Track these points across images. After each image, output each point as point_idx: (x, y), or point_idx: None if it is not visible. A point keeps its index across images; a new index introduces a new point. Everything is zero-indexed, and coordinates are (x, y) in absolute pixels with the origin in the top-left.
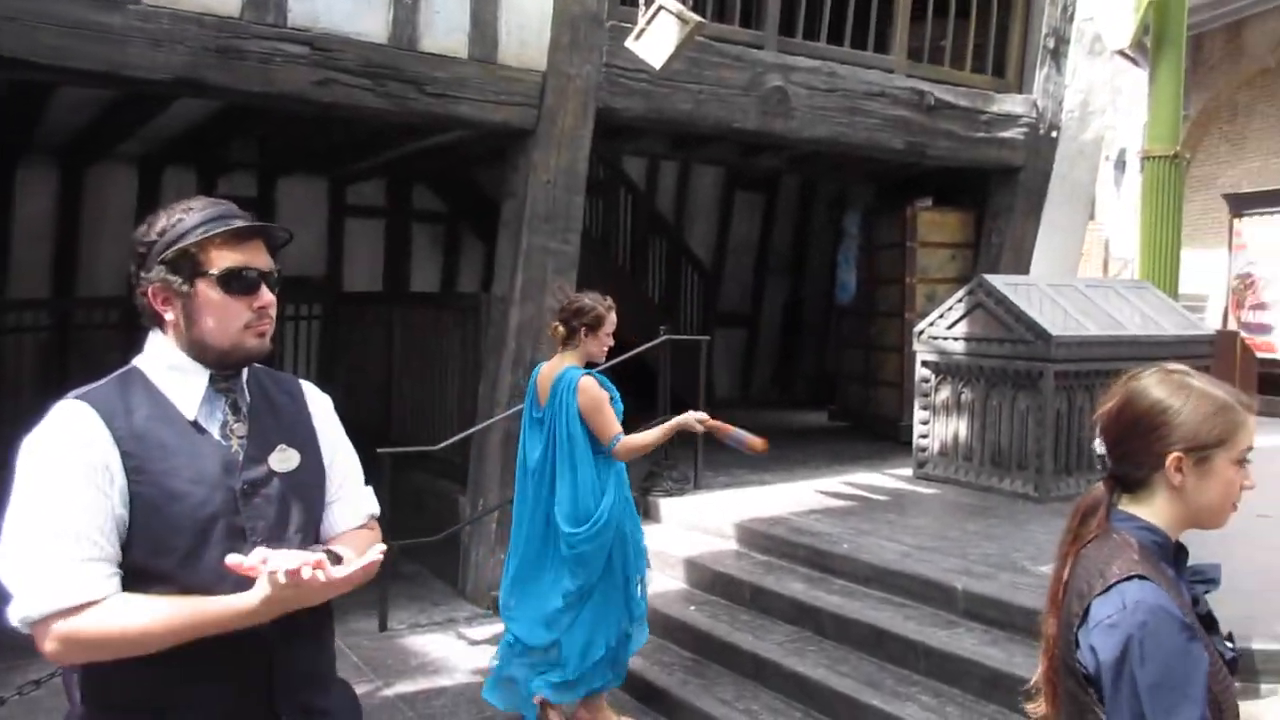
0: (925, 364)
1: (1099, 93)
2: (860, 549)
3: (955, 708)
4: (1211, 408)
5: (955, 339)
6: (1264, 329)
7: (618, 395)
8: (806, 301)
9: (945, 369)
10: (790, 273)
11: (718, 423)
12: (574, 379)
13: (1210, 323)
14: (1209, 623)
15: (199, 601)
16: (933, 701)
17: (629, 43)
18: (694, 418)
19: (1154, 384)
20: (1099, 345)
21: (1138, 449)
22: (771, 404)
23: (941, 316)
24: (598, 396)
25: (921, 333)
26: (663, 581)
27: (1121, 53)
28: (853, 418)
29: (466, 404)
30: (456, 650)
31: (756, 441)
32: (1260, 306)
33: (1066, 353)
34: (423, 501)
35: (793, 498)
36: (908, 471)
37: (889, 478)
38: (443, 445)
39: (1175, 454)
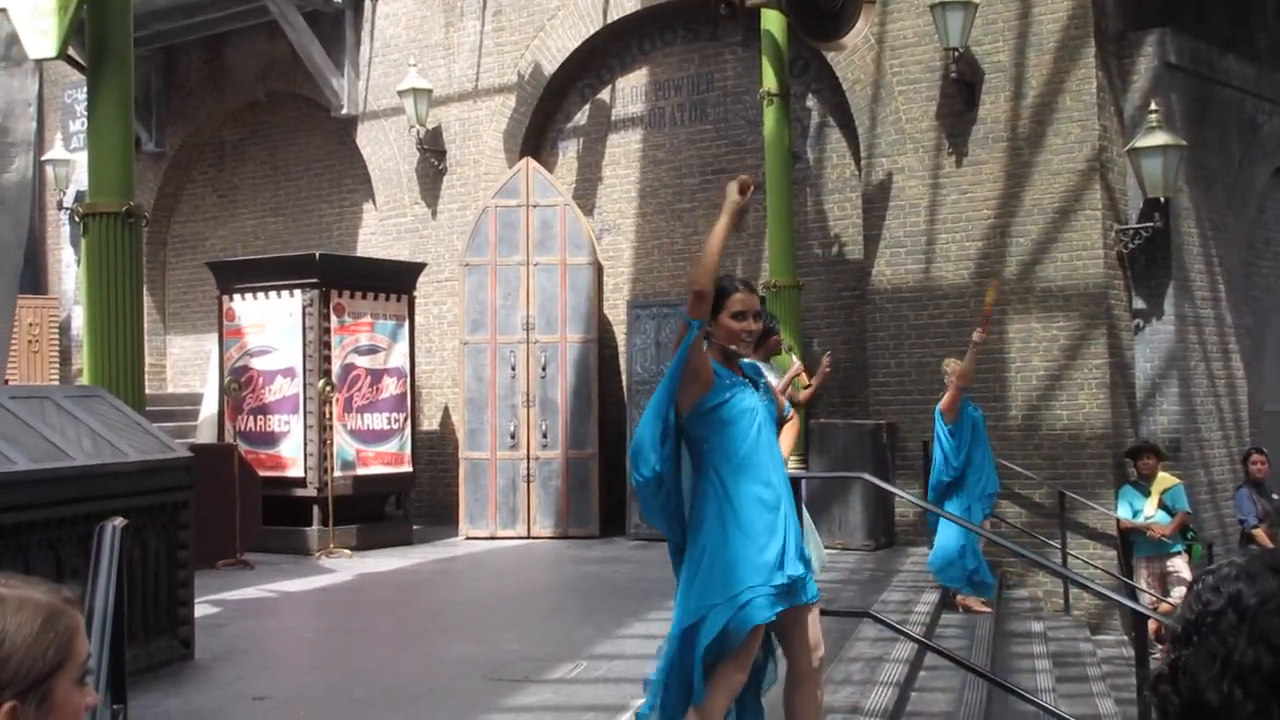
0: None
1: (21, 118)
2: None
3: None
4: (38, 620)
5: None
6: (269, 439)
7: None
8: None
9: None
10: None
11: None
12: None
13: (207, 434)
14: None
15: None
16: None
17: None
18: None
19: None
20: (33, 486)
21: None
22: None
23: None
24: None
25: None
26: None
27: (72, 61)
28: None
29: None
30: None
31: None
32: (263, 410)
33: None
34: None
35: None
36: None
37: None
38: None
39: (8, 706)
